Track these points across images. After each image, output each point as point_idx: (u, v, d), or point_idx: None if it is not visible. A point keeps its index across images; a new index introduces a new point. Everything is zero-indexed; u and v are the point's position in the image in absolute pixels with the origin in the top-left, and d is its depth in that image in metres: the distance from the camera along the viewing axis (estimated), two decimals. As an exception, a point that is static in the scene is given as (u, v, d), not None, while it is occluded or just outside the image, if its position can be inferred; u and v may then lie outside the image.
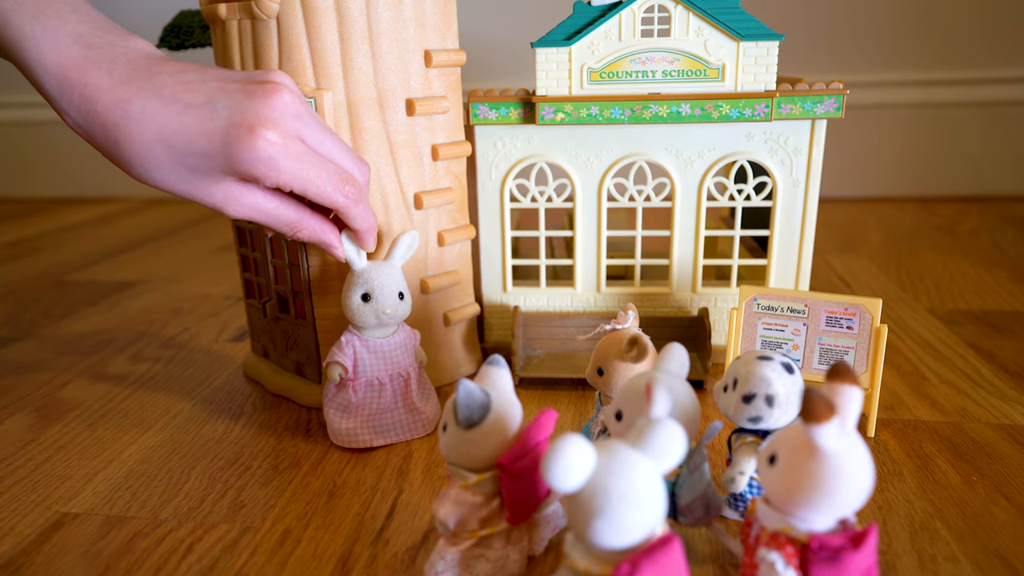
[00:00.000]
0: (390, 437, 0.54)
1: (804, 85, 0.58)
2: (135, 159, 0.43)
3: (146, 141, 0.43)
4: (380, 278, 0.51)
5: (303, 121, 0.45)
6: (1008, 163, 1.33)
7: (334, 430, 0.53)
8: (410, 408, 0.54)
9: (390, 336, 0.53)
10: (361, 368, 0.52)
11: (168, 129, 0.43)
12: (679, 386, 0.40)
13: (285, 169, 0.44)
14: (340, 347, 0.52)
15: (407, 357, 0.54)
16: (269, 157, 0.43)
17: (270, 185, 0.45)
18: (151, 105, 0.42)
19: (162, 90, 0.43)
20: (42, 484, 0.51)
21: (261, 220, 0.47)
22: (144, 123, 0.42)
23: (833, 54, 1.32)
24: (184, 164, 0.43)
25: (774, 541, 0.32)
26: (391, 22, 0.54)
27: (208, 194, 0.45)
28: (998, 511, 0.45)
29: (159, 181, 0.45)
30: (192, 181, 0.44)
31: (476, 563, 0.39)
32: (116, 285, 0.97)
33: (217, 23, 0.55)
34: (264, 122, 0.43)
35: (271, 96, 0.44)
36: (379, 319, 0.51)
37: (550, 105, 0.60)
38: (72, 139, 1.59)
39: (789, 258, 0.64)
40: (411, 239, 0.53)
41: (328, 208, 0.49)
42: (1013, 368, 0.64)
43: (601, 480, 0.29)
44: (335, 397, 0.53)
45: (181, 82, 0.43)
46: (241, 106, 0.43)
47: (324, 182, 0.46)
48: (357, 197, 0.48)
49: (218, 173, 0.44)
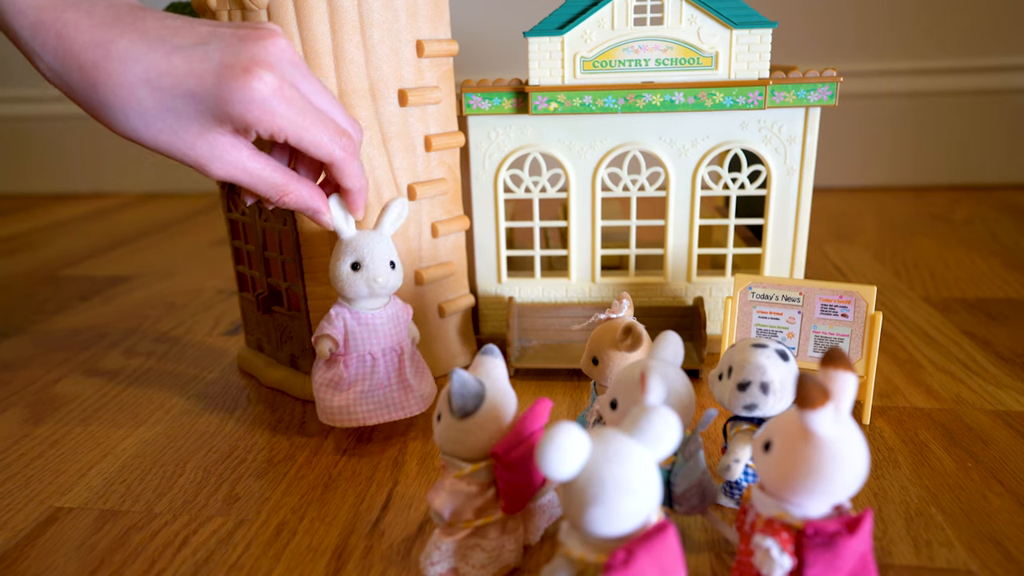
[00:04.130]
0: (385, 415, 0.51)
1: (798, 73, 0.58)
2: (115, 102, 0.40)
3: (128, 82, 0.39)
4: (370, 246, 0.48)
5: (299, 69, 0.43)
6: (1002, 151, 1.33)
7: (326, 408, 0.50)
8: (404, 385, 0.52)
9: (381, 308, 0.50)
10: (352, 342, 0.50)
11: (154, 70, 0.39)
12: (674, 374, 0.40)
13: (281, 114, 0.41)
14: (330, 320, 0.49)
15: (400, 331, 0.51)
16: (264, 99, 0.40)
17: (263, 132, 0.41)
18: (136, 45, 0.39)
19: (148, 32, 0.40)
20: (35, 479, 0.50)
21: (245, 181, 0.44)
22: (128, 63, 0.39)
23: (827, 42, 1.31)
24: (170, 110, 0.40)
25: (769, 527, 0.32)
26: (382, 12, 0.53)
27: (191, 147, 0.41)
28: (992, 496, 0.45)
29: (140, 130, 0.41)
30: (175, 131, 0.41)
31: (471, 553, 0.38)
32: (109, 280, 0.97)
33: (207, 13, 0.54)
34: (260, 63, 0.40)
35: (267, 39, 0.41)
36: (370, 288, 0.49)
37: (543, 95, 0.60)
38: (65, 135, 1.58)
39: (784, 246, 0.64)
40: (400, 206, 0.50)
41: (314, 176, 0.48)
42: (1007, 355, 0.64)
43: (596, 468, 0.29)
44: (325, 374, 0.50)
45: (168, 26, 0.41)
46: (235, 48, 0.40)
47: (321, 131, 0.43)
48: (353, 151, 0.45)
49: (206, 120, 0.41)
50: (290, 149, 0.47)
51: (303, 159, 0.48)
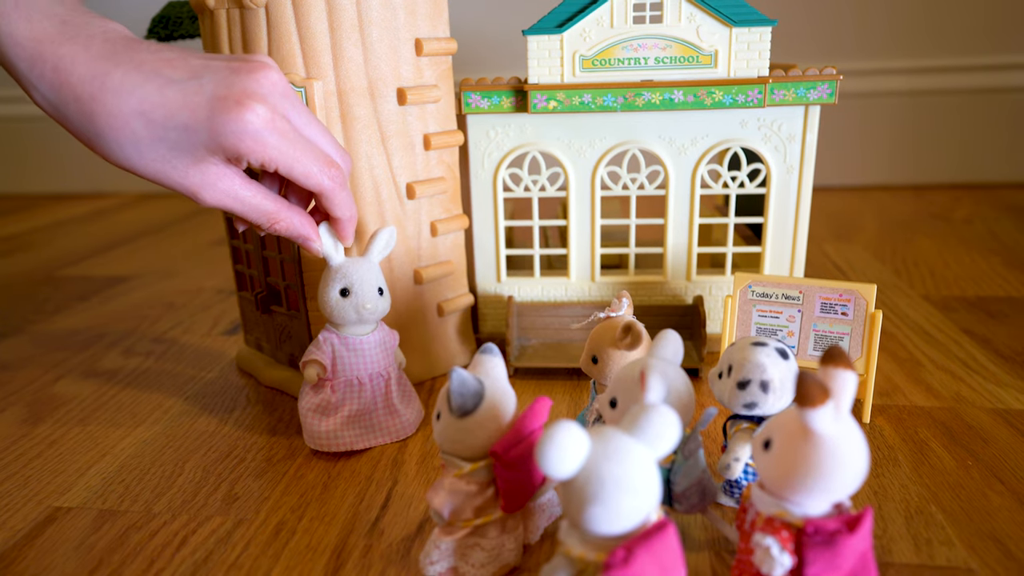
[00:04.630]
0: (372, 439, 0.52)
1: (797, 71, 0.58)
2: (109, 133, 0.41)
3: (123, 114, 0.40)
4: (359, 272, 0.49)
5: (290, 101, 0.44)
6: (1002, 150, 1.33)
7: (313, 433, 0.51)
8: (391, 410, 0.52)
9: (369, 334, 0.51)
10: (340, 366, 0.50)
11: (148, 102, 0.40)
12: (673, 372, 0.39)
13: (272, 144, 0.42)
14: (318, 345, 0.50)
15: (386, 357, 0.52)
16: (256, 131, 0.41)
17: (255, 162, 0.42)
18: (131, 77, 0.40)
19: (142, 65, 0.41)
20: (34, 479, 0.50)
21: (237, 209, 0.45)
22: (123, 95, 0.40)
23: (826, 41, 1.31)
24: (163, 141, 0.41)
25: (769, 526, 0.32)
26: (381, 10, 0.53)
27: (183, 176, 0.42)
28: (993, 495, 0.45)
29: (133, 159, 0.42)
30: (169, 160, 0.42)
31: (471, 552, 0.38)
32: (108, 280, 0.97)
33: (205, 12, 0.54)
34: (252, 95, 0.41)
35: (258, 72, 0.42)
36: (359, 314, 0.49)
37: (542, 93, 0.60)
38: (64, 135, 1.57)
39: (783, 245, 0.63)
40: (388, 235, 0.51)
41: (304, 203, 0.48)
42: (1007, 353, 0.64)
43: (595, 466, 0.29)
44: (312, 399, 0.51)
45: (162, 59, 0.42)
46: (227, 81, 0.41)
47: (311, 162, 0.44)
48: (342, 182, 0.46)
49: (199, 151, 0.41)
50: (280, 177, 0.48)
51: (294, 187, 0.48)
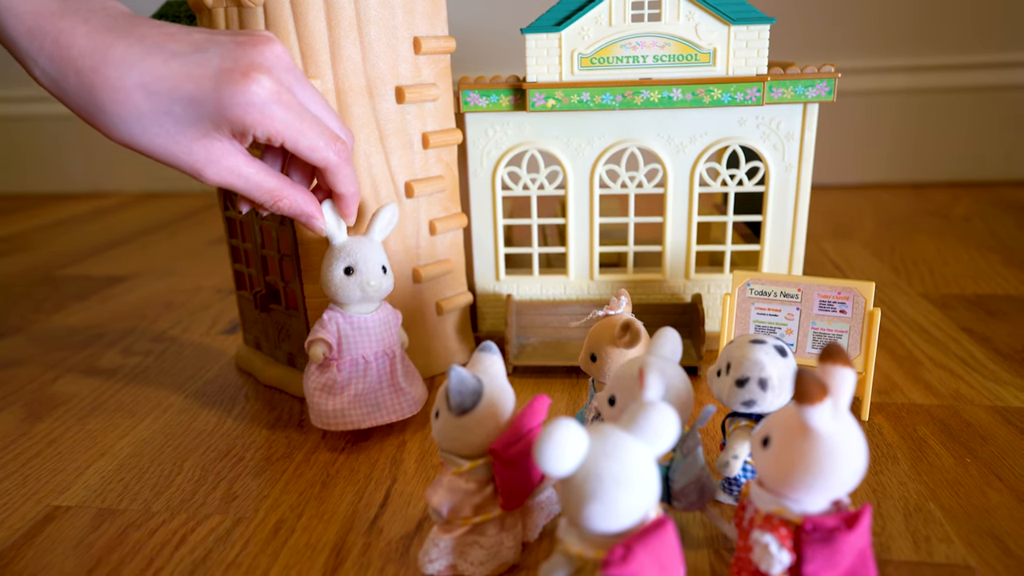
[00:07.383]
0: (378, 417, 0.51)
1: (796, 69, 0.58)
2: (111, 107, 0.40)
3: (125, 87, 0.39)
4: (363, 251, 0.49)
5: (295, 75, 0.44)
6: (1000, 148, 1.33)
7: (320, 412, 0.51)
8: (396, 388, 0.52)
9: (373, 312, 0.51)
10: (345, 345, 0.50)
11: (151, 75, 0.39)
12: (672, 370, 0.39)
13: (278, 117, 0.41)
14: (323, 324, 0.50)
15: (391, 335, 0.52)
16: (262, 102, 0.41)
17: (261, 135, 0.42)
18: (134, 50, 0.39)
19: (145, 38, 0.40)
20: (33, 478, 0.50)
21: (240, 187, 0.44)
22: (125, 68, 0.39)
23: (825, 39, 1.31)
24: (167, 114, 0.40)
25: (768, 523, 0.32)
26: (379, 9, 0.53)
27: (187, 152, 0.42)
28: (991, 492, 0.45)
29: (136, 135, 0.41)
30: (172, 135, 0.41)
31: (470, 550, 0.38)
32: (107, 280, 0.97)
33: (203, 11, 0.54)
34: (258, 67, 0.41)
35: (263, 45, 0.42)
36: (364, 292, 0.49)
37: (541, 91, 0.60)
38: (63, 134, 1.58)
39: (782, 243, 0.63)
40: (390, 213, 0.51)
41: (307, 182, 0.48)
42: (1006, 351, 0.64)
43: (594, 464, 0.29)
44: (319, 378, 0.51)
45: (165, 33, 0.41)
46: (233, 54, 0.41)
47: (317, 136, 0.44)
48: (347, 157, 0.46)
49: (204, 124, 0.41)
50: (282, 155, 0.48)
51: (295, 166, 0.48)
